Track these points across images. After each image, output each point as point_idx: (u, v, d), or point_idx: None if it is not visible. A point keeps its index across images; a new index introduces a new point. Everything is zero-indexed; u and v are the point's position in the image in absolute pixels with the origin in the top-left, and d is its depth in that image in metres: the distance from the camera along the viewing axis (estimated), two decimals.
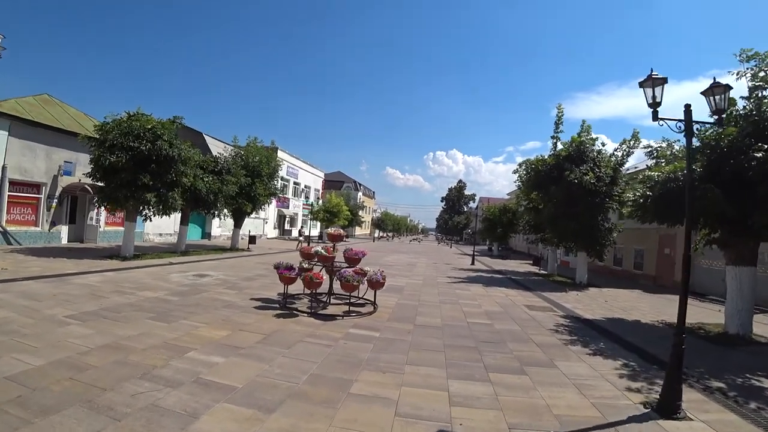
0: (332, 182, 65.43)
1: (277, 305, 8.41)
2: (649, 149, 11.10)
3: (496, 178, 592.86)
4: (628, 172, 17.10)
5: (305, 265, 8.65)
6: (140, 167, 13.84)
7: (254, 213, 23.83)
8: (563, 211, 15.50)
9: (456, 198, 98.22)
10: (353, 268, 8.54)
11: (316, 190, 52.29)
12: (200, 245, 23.17)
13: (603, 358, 6.17)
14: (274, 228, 41.48)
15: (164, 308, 7.58)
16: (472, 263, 24.23)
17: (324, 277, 7.65)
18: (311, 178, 50.89)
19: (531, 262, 25.95)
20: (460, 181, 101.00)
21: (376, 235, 69.83)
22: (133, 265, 13.17)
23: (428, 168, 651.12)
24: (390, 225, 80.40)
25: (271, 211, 39.45)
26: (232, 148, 22.83)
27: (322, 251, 7.92)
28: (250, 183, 20.78)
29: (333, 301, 8.66)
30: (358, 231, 67.81)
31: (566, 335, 7.56)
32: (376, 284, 7.97)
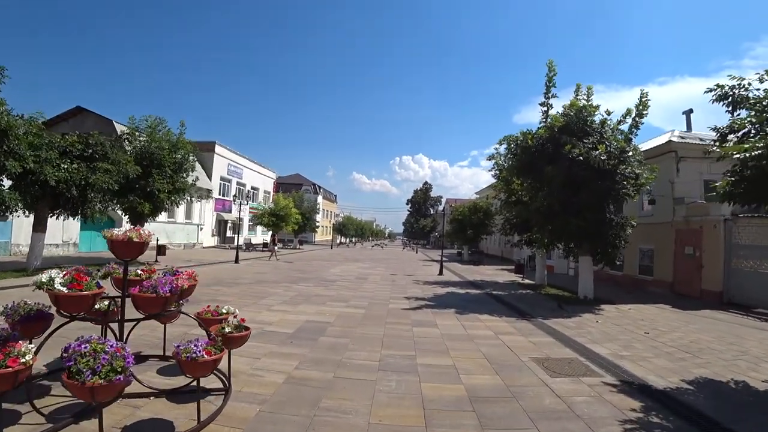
0: (288, 185, 59.38)
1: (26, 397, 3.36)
2: (720, 91, 6.74)
3: (461, 182, 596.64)
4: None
5: (100, 307, 3.83)
6: None
7: (159, 214, 18.29)
8: (563, 201, 11.20)
9: (422, 200, 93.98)
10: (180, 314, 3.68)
11: (266, 192, 46.45)
12: (94, 258, 17.41)
13: None
14: (213, 235, 35.54)
15: None
16: (440, 273, 19.67)
17: (21, 361, 2.65)
18: (260, 179, 45.11)
19: (512, 268, 21.75)
20: (426, 182, 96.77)
21: (337, 241, 64.41)
22: None
23: (395, 173, 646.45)
24: (352, 230, 75.08)
25: (207, 215, 33.60)
26: (128, 130, 17.33)
27: (59, 286, 2.99)
28: (141, 174, 15.34)
29: (153, 378, 3.75)
30: (317, 237, 62.21)
31: None
32: (195, 368, 3.07)
